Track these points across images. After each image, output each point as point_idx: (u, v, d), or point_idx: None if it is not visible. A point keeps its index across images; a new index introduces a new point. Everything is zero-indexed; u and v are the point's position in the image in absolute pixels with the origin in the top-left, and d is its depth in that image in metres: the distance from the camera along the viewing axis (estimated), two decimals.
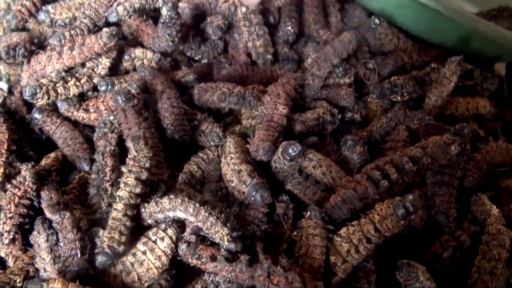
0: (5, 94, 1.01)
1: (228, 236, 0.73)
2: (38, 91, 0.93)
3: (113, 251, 0.74)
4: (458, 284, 0.84)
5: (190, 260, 0.74)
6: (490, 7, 1.38)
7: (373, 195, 0.82)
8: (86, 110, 0.95)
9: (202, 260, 0.73)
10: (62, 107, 0.92)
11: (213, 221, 0.73)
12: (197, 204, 0.74)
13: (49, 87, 0.93)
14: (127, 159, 0.79)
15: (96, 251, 0.75)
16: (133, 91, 0.92)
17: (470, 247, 0.87)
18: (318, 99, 1.04)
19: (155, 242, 0.77)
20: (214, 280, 0.74)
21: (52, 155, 0.92)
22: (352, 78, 1.03)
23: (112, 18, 1.08)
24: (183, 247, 0.74)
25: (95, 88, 1.00)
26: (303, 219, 0.81)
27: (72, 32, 1.00)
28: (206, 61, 1.13)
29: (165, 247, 0.77)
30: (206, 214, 0.73)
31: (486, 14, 1.37)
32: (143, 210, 0.78)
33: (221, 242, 0.74)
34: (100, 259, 0.74)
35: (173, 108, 0.93)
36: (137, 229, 0.79)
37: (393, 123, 0.99)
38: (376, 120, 1.02)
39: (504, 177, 1.01)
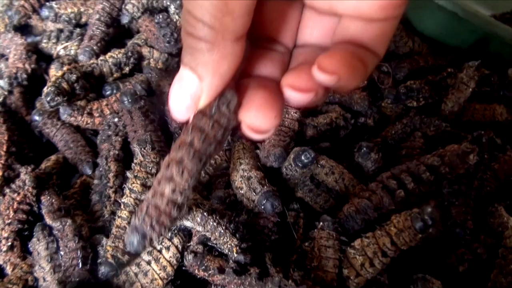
0: (6, 93, 0.98)
1: (237, 248, 0.69)
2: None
3: (117, 261, 0.71)
4: None
5: (196, 271, 0.71)
6: (504, 10, 1.36)
7: (388, 205, 0.79)
8: (90, 114, 0.92)
9: (209, 272, 0.70)
10: (65, 112, 0.88)
11: (222, 231, 0.70)
12: (205, 213, 0.70)
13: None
14: (133, 164, 0.76)
15: (99, 261, 0.72)
16: (139, 92, 0.89)
17: (487, 260, 0.83)
18: (330, 103, 1.01)
19: (160, 251, 0.74)
20: None
21: (53, 157, 0.89)
22: (366, 82, 1.00)
23: (124, 20, 1.07)
24: (189, 257, 0.71)
25: (99, 93, 0.97)
26: (315, 230, 0.77)
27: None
28: None
29: (170, 257, 0.73)
30: (215, 224, 0.70)
31: (499, 17, 1.34)
32: None
33: (229, 253, 0.70)
34: (103, 269, 0.71)
35: None
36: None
37: (409, 129, 0.96)
38: (390, 126, 0.98)
39: None
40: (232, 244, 0.70)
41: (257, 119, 0.47)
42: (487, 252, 0.84)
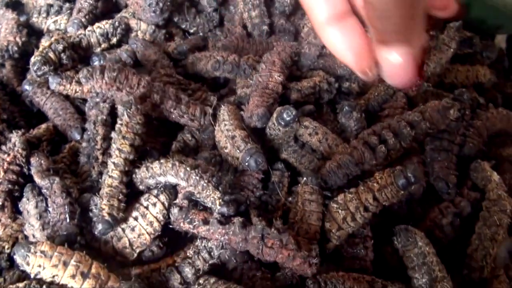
0: None
1: (220, 200, 0.71)
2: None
3: (113, 219, 0.73)
4: (458, 251, 0.82)
5: (182, 224, 0.73)
6: None
7: (369, 160, 0.80)
8: (79, 83, 0.93)
9: (194, 223, 0.72)
10: (54, 81, 0.90)
11: (204, 184, 0.71)
12: (188, 168, 0.72)
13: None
14: (118, 125, 0.78)
15: (95, 219, 0.74)
16: (124, 60, 0.91)
17: (471, 215, 0.85)
18: (314, 69, 1.02)
19: (147, 207, 0.76)
20: (207, 246, 0.73)
21: (43, 125, 0.90)
22: None
23: None
24: (175, 211, 0.73)
25: (87, 64, 0.98)
26: (299, 185, 0.79)
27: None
28: (201, 33, 1.10)
29: (157, 213, 0.75)
30: (197, 177, 0.72)
31: None
32: (134, 175, 0.77)
33: (213, 206, 0.72)
34: (100, 227, 0.72)
35: (167, 77, 0.91)
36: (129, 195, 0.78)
37: (391, 90, 0.97)
38: (373, 88, 0.99)
39: (505, 146, 0.99)
40: (215, 197, 0.71)
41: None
42: (471, 206, 0.85)
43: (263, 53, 1.00)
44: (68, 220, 0.73)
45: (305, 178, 0.79)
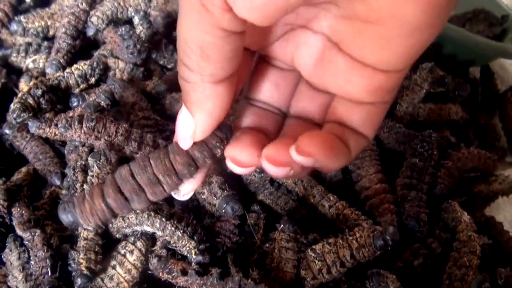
0: None
1: (196, 249, 0.73)
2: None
3: (91, 272, 0.74)
4: None
5: (161, 274, 0.74)
6: (466, 10, 1.39)
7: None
8: (58, 126, 0.94)
9: (173, 274, 0.73)
10: (34, 125, 0.90)
11: (180, 235, 0.74)
12: (163, 219, 0.74)
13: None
14: (89, 177, 0.79)
15: (74, 274, 0.75)
16: (102, 103, 0.92)
17: (441, 254, 0.87)
18: None
19: (124, 255, 0.77)
20: None
21: (24, 169, 0.91)
22: None
23: (90, 32, 1.09)
24: (154, 261, 0.74)
25: (66, 105, 1.00)
26: (276, 231, 0.81)
27: None
28: None
29: (134, 260, 0.77)
30: (172, 228, 0.74)
31: (461, 17, 1.38)
32: (110, 225, 0.79)
33: (189, 255, 0.74)
34: (79, 281, 0.73)
35: (145, 120, 0.93)
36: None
37: None
38: None
39: (476, 182, 1.02)
40: (190, 247, 0.74)
41: (241, 154, 0.52)
42: (442, 246, 0.88)
43: None
44: (49, 273, 0.74)
45: (282, 225, 0.81)
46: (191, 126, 0.50)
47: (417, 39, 0.44)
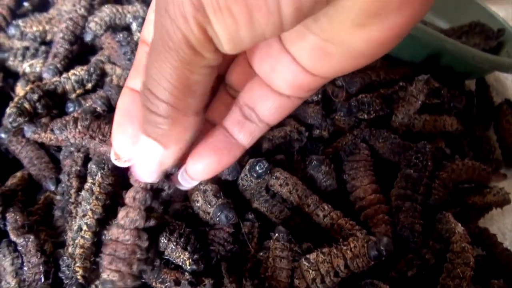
0: None
1: (190, 260, 0.73)
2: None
3: (86, 281, 0.74)
4: None
5: (154, 284, 0.74)
6: (462, 23, 1.40)
7: None
8: (53, 131, 0.94)
9: (166, 284, 0.73)
10: (29, 129, 0.91)
11: (173, 247, 0.74)
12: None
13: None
14: (90, 184, 0.79)
15: (68, 282, 0.74)
16: (98, 108, 0.92)
17: (435, 265, 0.87)
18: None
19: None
20: None
21: (19, 174, 0.91)
22: (319, 96, 1.04)
23: (88, 37, 1.09)
24: (147, 271, 0.74)
25: (62, 110, 1.00)
26: (271, 240, 0.81)
27: None
28: None
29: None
30: (166, 241, 0.74)
31: (457, 30, 1.38)
32: (104, 236, 0.78)
33: (183, 266, 0.74)
34: None
35: None
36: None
37: (359, 140, 0.99)
38: (342, 138, 1.02)
39: (470, 194, 1.02)
40: (184, 258, 0.73)
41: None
42: (435, 257, 0.88)
43: None
44: (42, 280, 0.74)
45: (276, 234, 0.81)
46: (160, 158, 0.50)
47: (359, 62, 0.46)
